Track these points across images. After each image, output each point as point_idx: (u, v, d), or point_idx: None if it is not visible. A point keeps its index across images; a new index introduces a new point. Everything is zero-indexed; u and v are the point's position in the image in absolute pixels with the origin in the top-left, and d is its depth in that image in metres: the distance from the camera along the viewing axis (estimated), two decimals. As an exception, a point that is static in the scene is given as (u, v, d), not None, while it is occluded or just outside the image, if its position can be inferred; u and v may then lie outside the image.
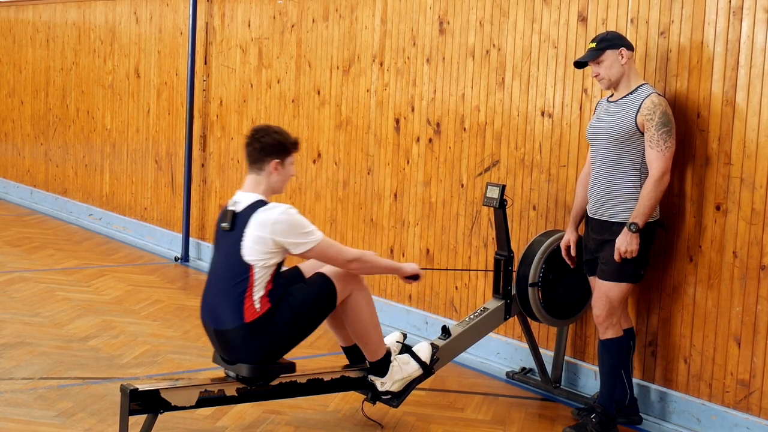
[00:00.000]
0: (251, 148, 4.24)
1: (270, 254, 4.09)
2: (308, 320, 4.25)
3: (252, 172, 4.26)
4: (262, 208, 4.13)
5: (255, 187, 4.25)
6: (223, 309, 4.12)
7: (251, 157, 4.25)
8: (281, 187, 4.32)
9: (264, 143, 4.21)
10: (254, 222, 4.09)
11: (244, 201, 4.19)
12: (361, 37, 6.58)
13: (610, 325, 4.56)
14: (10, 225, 9.77)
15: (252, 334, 4.09)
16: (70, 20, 10.26)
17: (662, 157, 4.37)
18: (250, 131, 4.30)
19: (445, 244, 5.98)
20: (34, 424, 4.42)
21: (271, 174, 4.24)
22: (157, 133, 8.87)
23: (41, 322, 6.12)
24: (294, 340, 4.23)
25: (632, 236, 4.39)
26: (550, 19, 5.31)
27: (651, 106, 4.38)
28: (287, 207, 4.14)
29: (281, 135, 4.27)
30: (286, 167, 4.27)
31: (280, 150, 4.24)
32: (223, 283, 4.15)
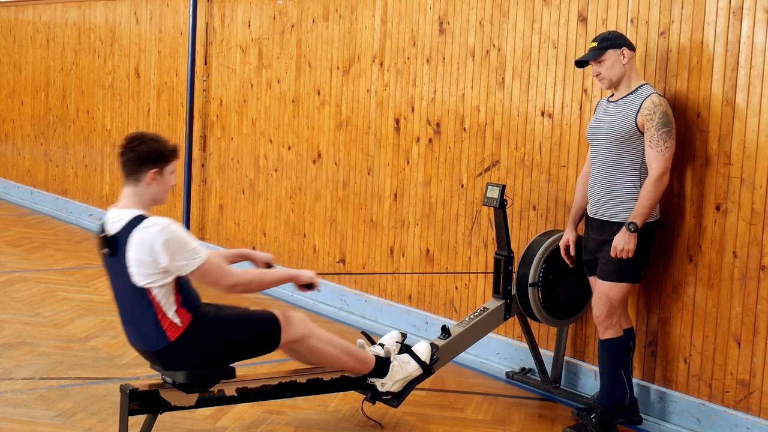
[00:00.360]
0: (126, 158, 3.88)
1: (163, 275, 3.81)
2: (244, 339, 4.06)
3: (128, 185, 3.90)
4: (139, 227, 3.79)
5: (132, 200, 3.89)
6: (146, 332, 3.90)
7: (126, 168, 3.88)
8: (162, 198, 3.96)
9: (140, 152, 3.86)
10: (133, 244, 3.77)
11: (118, 220, 3.84)
12: (361, 37, 6.58)
13: (610, 325, 4.56)
14: (10, 225, 9.77)
15: (183, 348, 3.91)
16: (70, 20, 10.26)
17: (662, 157, 4.37)
18: (124, 140, 3.94)
19: (445, 244, 5.98)
20: (34, 424, 4.42)
21: (150, 185, 3.88)
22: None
23: (41, 322, 6.12)
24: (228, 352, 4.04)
25: (630, 235, 4.39)
26: (550, 19, 5.31)
27: (651, 106, 4.38)
28: (166, 223, 3.80)
29: (158, 142, 3.92)
30: (165, 177, 3.92)
31: (158, 159, 3.88)
32: (130, 311, 3.92)
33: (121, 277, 3.86)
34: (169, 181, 3.95)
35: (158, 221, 3.81)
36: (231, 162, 7.90)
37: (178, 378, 4.00)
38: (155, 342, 3.90)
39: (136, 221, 3.81)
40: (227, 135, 7.95)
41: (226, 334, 4.02)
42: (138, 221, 3.81)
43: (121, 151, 3.91)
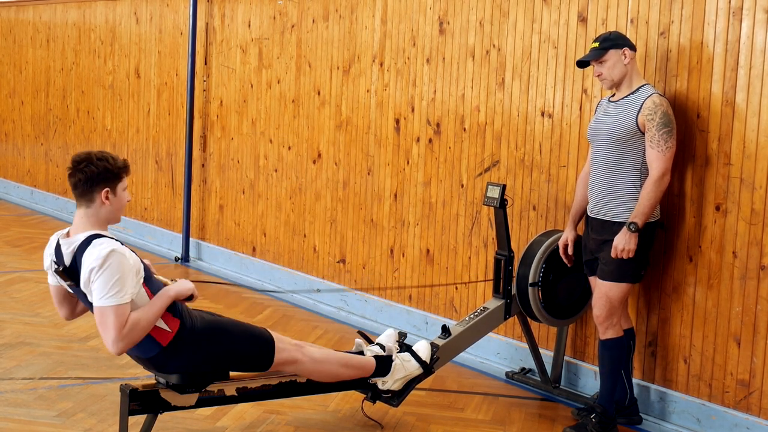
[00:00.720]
0: (75, 179, 3.77)
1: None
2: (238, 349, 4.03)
3: (80, 207, 3.79)
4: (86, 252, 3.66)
5: (85, 223, 3.78)
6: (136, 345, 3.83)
7: (77, 191, 3.77)
8: (117, 216, 3.85)
9: (89, 173, 3.75)
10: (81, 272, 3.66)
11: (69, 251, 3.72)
12: (361, 37, 6.58)
13: (611, 326, 4.56)
14: (11, 225, 9.77)
15: (176, 352, 3.90)
16: (70, 20, 10.27)
17: (663, 157, 4.37)
18: (71, 161, 3.81)
19: (445, 244, 5.98)
20: (35, 424, 4.42)
21: (103, 205, 3.78)
22: (158, 133, 8.87)
23: (41, 322, 6.12)
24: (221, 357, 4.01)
25: (631, 235, 4.39)
26: (550, 19, 5.32)
27: (652, 106, 4.38)
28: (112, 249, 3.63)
29: (107, 161, 3.80)
30: (118, 195, 3.82)
31: (109, 178, 3.78)
32: None
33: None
34: (122, 199, 3.85)
35: (104, 245, 3.65)
36: (231, 162, 7.91)
37: (172, 379, 4.01)
38: (148, 349, 3.89)
39: (85, 243, 3.69)
40: (227, 135, 7.95)
41: (221, 343, 4.01)
42: (87, 243, 3.69)
43: (69, 173, 3.80)
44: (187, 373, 3.98)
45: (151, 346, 3.88)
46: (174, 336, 3.88)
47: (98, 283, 3.63)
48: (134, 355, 4.01)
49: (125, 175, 3.86)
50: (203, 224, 8.25)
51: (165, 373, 3.99)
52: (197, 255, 8.29)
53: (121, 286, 3.63)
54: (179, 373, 3.97)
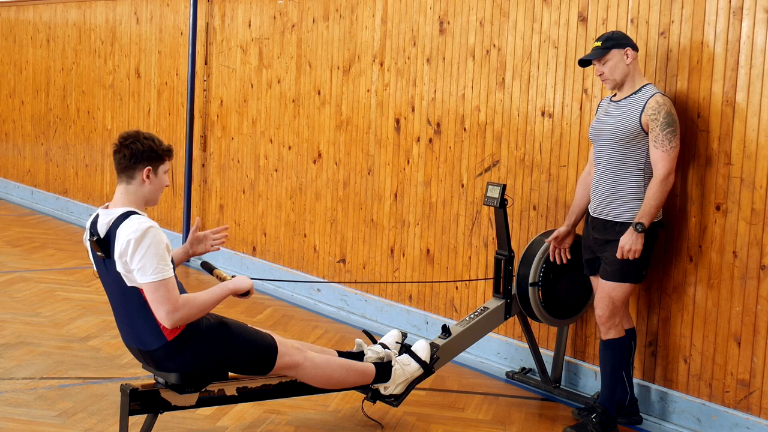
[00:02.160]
0: (120, 155, 3.87)
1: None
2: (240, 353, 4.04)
3: (121, 183, 3.89)
4: (122, 225, 3.75)
5: (124, 199, 3.88)
6: (141, 333, 3.88)
7: (120, 166, 3.87)
8: (155, 198, 3.93)
9: (134, 150, 3.85)
10: (117, 244, 3.74)
11: (106, 222, 3.81)
12: (361, 37, 6.58)
13: (613, 326, 4.56)
14: (11, 225, 9.77)
15: (178, 349, 3.90)
16: (70, 20, 10.27)
17: (667, 157, 4.37)
18: (118, 138, 3.93)
19: (445, 244, 5.98)
20: (35, 423, 4.42)
21: (143, 183, 3.87)
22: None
23: (42, 322, 6.12)
24: (223, 361, 4.03)
25: (638, 236, 4.38)
26: (550, 19, 5.31)
27: (656, 105, 4.38)
28: (149, 225, 3.73)
29: (153, 141, 3.90)
30: (159, 176, 3.91)
31: (152, 157, 3.88)
32: (125, 312, 3.90)
33: (114, 279, 3.84)
34: (162, 181, 3.93)
35: (142, 220, 3.75)
36: (231, 162, 7.91)
37: (171, 378, 4.00)
38: (151, 341, 3.89)
39: (123, 217, 3.78)
40: (227, 135, 7.95)
41: (224, 343, 4.01)
42: (125, 217, 3.77)
43: (115, 149, 3.90)
44: (186, 372, 3.97)
45: (155, 339, 3.87)
46: (180, 332, 3.88)
47: (143, 260, 3.70)
48: (135, 347, 4.00)
49: (168, 158, 3.94)
50: (203, 224, 8.25)
51: (163, 371, 3.98)
52: (197, 255, 8.29)
53: (166, 261, 3.75)
54: (178, 372, 3.96)
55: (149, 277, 3.72)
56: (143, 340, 3.91)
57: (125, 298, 3.85)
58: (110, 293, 3.95)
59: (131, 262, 3.72)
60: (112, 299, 3.96)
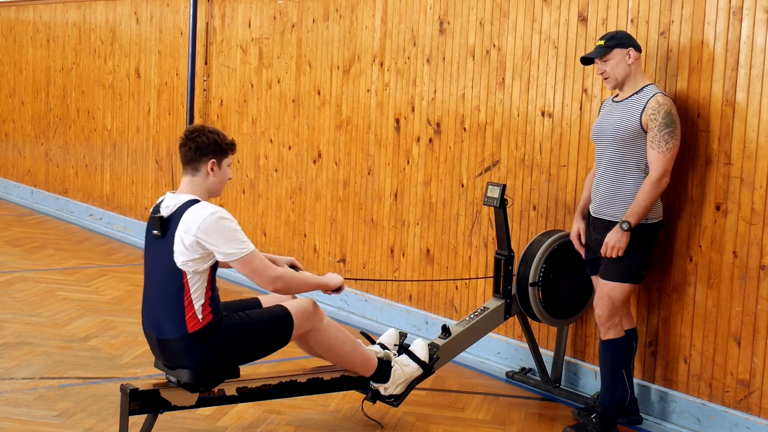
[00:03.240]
0: (186, 148, 4.06)
1: (199, 258, 3.89)
2: (257, 344, 4.11)
3: (187, 174, 4.07)
4: (191, 208, 3.92)
5: (189, 189, 4.05)
6: (165, 318, 3.96)
7: (186, 158, 4.06)
8: (218, 190, 4.12)
9: (200, 143, 4.04)
10: (182, 223, 3.89)
11: (173, 204, 3.97)
12: (361, 37, 6.58)
13: (612, 326, 4.56)
14: (11, 225, 9.77)
15: (196, 344, 3.95)
16: (70, 20, 10.27)
17: (662, 158, 4.36)
18: (185, 131, 4.13)
19: (445, 244, 5.98)
20: (35, 423, 4.42)
21: (208, 175, 4.05)
22: (158, 133, 8.87)
23: (42, 322, 6.12)
24: (239, 359, 4.09)
25: (623, 234, 4.39)
26: (550, 19, 5.31)
27: (656, 106, 4.38)
28: (220, 209, 3.93)
29: (217, 135, 4.10)
30: (223, 169, 4.10)
31: (217, 150, 4.07)
32: (160, 293, 3.98)
33: (162, 258, 3.95)
34: (225, 174, 4.12)
35: (213, 206, 3.94)
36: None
37: (183, 377, 4.02)
38: (172, 330, 3.93)
39: (189, 203, 3.94)
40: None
41: (240, 340, 4.05)
42: (190, 204, 3.94)
43: (182, 142, 4.09)
44: (198, 369, 4.00)
45: (176, 328, 3.92)
46: (201, 328, 3.93)
47: (228, 239, 3.87)
48: (154, 335, 4.04)
49: (231, 152, 4.14)
50: (203, 224, 8.24)
51: (176, 368, 4.02)
52: (197, 255, 8.29)
53: (244, 236, 3.94)
54: (190, 368, 3.99)
55: (241, 252, 3.90)
56: (163, 327, 3.97)
57: (167, 279, 3.93)
58: (151, 273, 4.06)
59: (216, 243, 3.86)
60: (151, 279, 4.06)
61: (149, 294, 4.07)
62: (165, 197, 4.05)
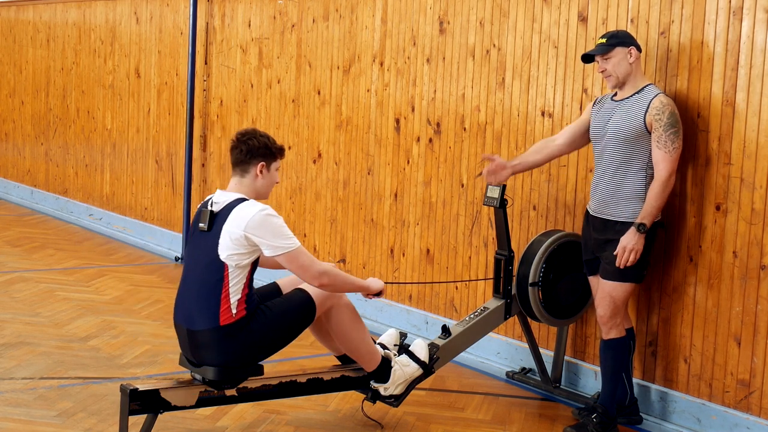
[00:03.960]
0: (237, 150, 4.18)
1: (244, 253, 4.00)
2: (284, 333, 4.19)
3: (236, 175, 4.20)
4: (241, 205, 4.05)
5: (238, 189, 4.17)
6: (199, 309, 4.04)
7: (236, 160, 4.18)
8: (266, 192, 4.23)
9: (250, 146, 4.16)
10: (231, 218, 4.01)
11: (223, 200, 4.11)
12: (361, 37, 6.58)
13: (614, 325, 4.56)
14: (11, 225, 9.77)
15: (225, 338, 4.01)
16: (70, 20, 10.27)
17: (669, 158, 4.37)
18: (237, 134, 4.25)
19: (445, 244, 5.98)
20: (35, 423, 4.42)
21: (256, 178, 4.17)
22: (158, 133, 8.87)
23: (42, 322, 6.12)
24: (267, 351, 4.17)
25: (640, 236, 4.38)
26: (550, 19, 5.31)
27: (660, 106, 4.38)
28: (268, 207, 4.05)
29: (268, 139, 4.22)
30: (271, 172, 4.21)
31: (266, 154, 4.18)
32: (198, 284, 4.07)
33: (205, 250, 4.04)
34: (273, 177, 4.23)
35: (261, 204, 4.07)
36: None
37: (208, 374, 4.08)
38: (204, 321, 4.01)
39: (238, 201, 4.07)
40: (227, 135, 7.94)
41: (268, 334, 4.14)
42: (240, 201, 4.07)
43: (233, 144, 4.21)
44: (223, 365, 4.06)
45: (207, 319, 4.01)
46: (233, 322, 4.01)
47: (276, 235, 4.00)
48: (184, 326, 4.12)
49: (280, 157, 4.26)
50: (203, 224, 8.25)
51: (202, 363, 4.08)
52: (197, 255, 8.28)
53: (290, 233, 4.06)
54: (216, 362, 4.06)
55: (289, 247, 4.02)
56: (195, 318, 4.04)
57: (207, 271, 4.02)
58: (192, 265, 4.15)
59: (265, 238, 3.97)
60: (191, 271, 4.14)
61: (187, 285, 4.16)
62: (215, 194, 4.19)
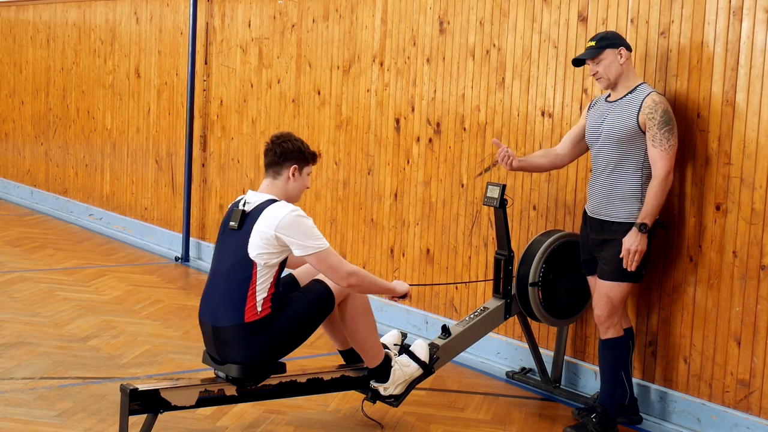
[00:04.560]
0: (271, 152, 4.27)
1: (274, 252, 4.08)
2: (306, 328, 4.26)
3: (268, 176, 4.29)
4: (272, 205, 4.13)
5: (269, 190, 4.26)
6: (225, 306, 4.11)
7: (270, 161, 4.27)
8: (296, 195, 4.31)
9: (285, 148, 4.25)
10: (262, 218, 4.09)
11: (254, 201, 4.20)
12: (361, 37, 6.58)
13: (611, 325, 4.56)
14: (11, 225, 9.77)
15: (249, 335, 4.08)
16: (70, 20, 10.27)
17: (666, 156, 4.37)
18: (272, 137, 4.34)
19: (445, 244, 5.98)
20: (35, 423, 4.42)
21: (288, 180, 4.26)
22: (158, 133, 8.87)
23: (42, 321, 6.12)
24: (290, 347, 4.23)
25: (642, 236, 4.38)
26: (550, 19, 5.32)
27: (652, 104, 4.38)
28: (298, 208, 4.14)
29: (302, 144, 4.31)
30: (303, 176, 4.30)
31: (300, 158, 4.27)
32: (225, 281, 4.14)
33: (234, 248, 4.13)
34: (305, 181, 4.31)
35: (291, 205, 4.15)
36: (231, 162, 7.91)
37: (232, 372, 4.14)
38: (229, 317, 4.08)
39: (269, 201, 4.16)
40: (227, 135, 7.95)
41: (291, 331, 4.19)
42: (271, 201, 4.16)
43: (267, 146, 4.30)
44: (247, 364, 4.13)
45: (233, 315, 4.07)
46: (257, 320, 4.08)
47: (307, 236, 4.08)
48: (209, 323, 4.18)
49: (312, 162, 4.34)
50: (203, 224, 8.26)
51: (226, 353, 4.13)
52: (197, 255, 8.30)
53: (320, 234, 4.14)
54: (240, 359, 4.12)
55: (318, 248, 4.09)
56: (221, 315, 4.11)
57: (236, 268, 4.09)
58: (220, 262, 4.21)
59: (295, 238, 4.05)
60: (219, 268, 4.20)
61: (214, 282, 4.22)
62: (247, 194, 4.27)
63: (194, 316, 6.42)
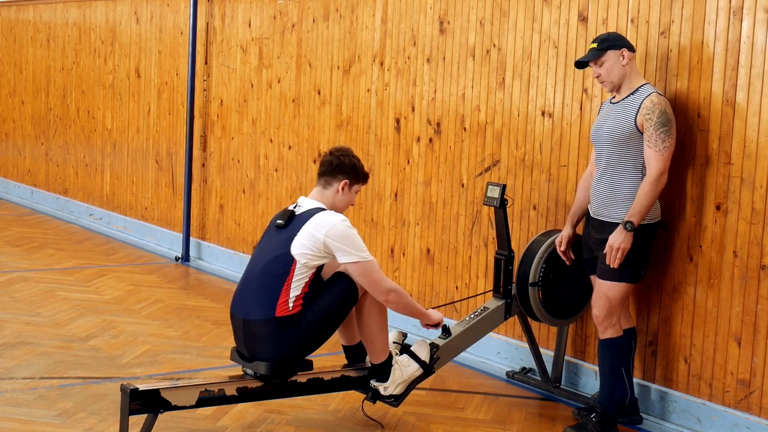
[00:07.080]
0: (327, 163, 4.40)
1: (316, 255, 4.20)
2: (333, 323, 4.34)
3: (319, 185, 4.42)
4: (322, 212, 4.27)
5: (318, 198, 4.39)
6: (258, 299, 4.21)
7: (324, 170, 4.40)
8: (341, 209, 4.42)
9: (341, 161, 4.38)
10: (313, 221, 4.22)
11: (306, 205, 4.34)
12: (361, 36, 6.58)
13: (610, 325, 4.56)
14: (11, 225, 9.77)
15: (278, 330, 4.16)
16: (70, 20, 10.27)
17: (660, 156, 4.36)
18: (332, 148, 4.49)
19: (445, 243, 5.98)
20: (35, 423, 4.42)
21: (337, 193, 4.39)
22: (158, 133, 8.88)
23: (42, 321, 6.12)
24: (318, 343, 4.32)
25: (627, 234, 4.38)
26: (550, 18, 5.31)
27: (650, 105, 4.38)
28: (347, 219, 4.27)
29: (358, 162, 4.44)
30: (351, 192, 4.43)
31: (352, 174, 4.40)
32: (261, 275, 4.24)
33: (276, 244, 4.25)
34: (351, 197, 4.46)
35: (341, 215, 4.31)
36: (231, 162, 7.91)
37: (260, 369, 4.20)
38: (261, 311, 4.17)
39: (320, 209, 4.32)
40: (228, 135, 7.95)
41: (319, 328, 4.26)
42: (321, 209, 4.31)
43: (325, 156, 4.45)
44: (275, 361, 4.19)
45: (264, 309, 4.17)
46: (288, 316, 4.16)
47: (352, 246, 4.20)
48: (240, 317, 4.26)
49: (363, 182, 4.49)
50: (203, 224, 8.26)
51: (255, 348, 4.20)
52: (197, 255, 8.30)
53: (365, 247, 4.27)
54: (269, 354, 4.18)
55: (362, 259, 4.21)
56: (252, 308, 4.20)
57: (275, 263, 4.21)
58: (260, 256, 4.33)
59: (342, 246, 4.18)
60: (256, 263, 4.33)
61: (249, 276, 4.33)
62: (299, 199, 4.42)
63: (194, 315, 6.42)
